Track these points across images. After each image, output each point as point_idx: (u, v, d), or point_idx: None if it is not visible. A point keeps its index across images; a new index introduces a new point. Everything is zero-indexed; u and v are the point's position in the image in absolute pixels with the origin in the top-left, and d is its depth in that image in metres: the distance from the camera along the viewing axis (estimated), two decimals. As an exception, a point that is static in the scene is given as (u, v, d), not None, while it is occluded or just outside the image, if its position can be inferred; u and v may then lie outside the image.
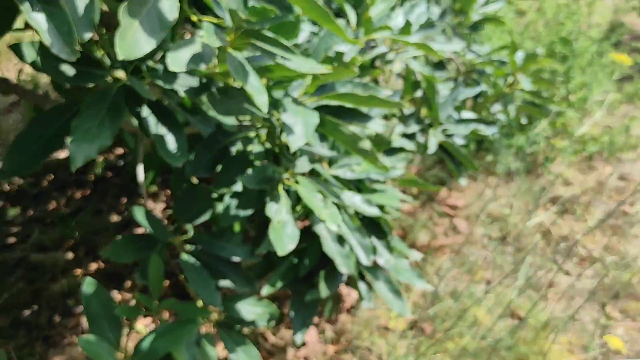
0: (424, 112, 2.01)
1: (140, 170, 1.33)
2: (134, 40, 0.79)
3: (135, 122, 1.01)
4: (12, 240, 2.36)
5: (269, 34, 0.96)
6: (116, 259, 1.24)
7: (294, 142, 0.99)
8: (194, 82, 1.04)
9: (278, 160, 1.26)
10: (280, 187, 1.19)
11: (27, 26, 1.22)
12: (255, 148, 1.28)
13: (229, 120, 1.24)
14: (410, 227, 2.60)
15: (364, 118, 1.28)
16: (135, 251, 1.27)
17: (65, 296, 2.14)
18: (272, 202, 1.13)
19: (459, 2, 2.17)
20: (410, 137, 1.92)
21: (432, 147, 1.86)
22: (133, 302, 2.13)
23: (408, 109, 2.05)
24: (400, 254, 1.63)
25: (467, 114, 2.07)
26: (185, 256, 1.30)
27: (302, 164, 1.23)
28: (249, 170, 1.19)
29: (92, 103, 0.94)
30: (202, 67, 0.88)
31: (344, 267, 1.35)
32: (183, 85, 1.03)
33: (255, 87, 0.89)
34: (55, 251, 2.31)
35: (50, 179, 2.71)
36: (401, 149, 1.71)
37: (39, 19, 0.74)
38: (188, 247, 1.35)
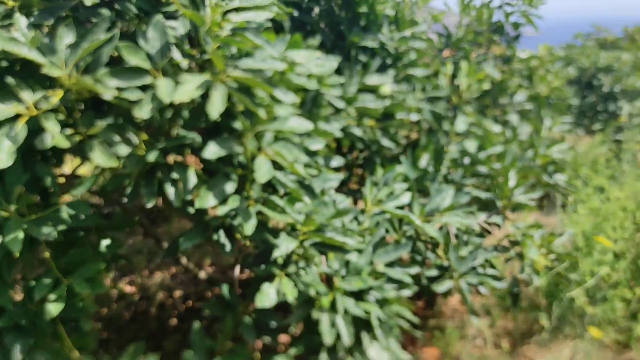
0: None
1: (236, 269, 2.53)
2: (206, 200, 2.02)
3: (214, 236, 2.23)
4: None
5: (278, 202, 2.10)
6: (211, 311, 2.41)
7: (275, 253, 2.08)
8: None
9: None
10: (277, 279, 2.24)
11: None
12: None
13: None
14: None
15: (344, 251, 2.29)
16: (221, 309, 2.43)
17: None
18: (267, 284, 2.19)
19: (498, 190, 3.01)
20: (432, 279, 2.75)
21: (441, 288, 2.66)
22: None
23: (446, 261, 2.89)
24: (390, 351, 2.44)
25: (490, 271, 2.81)
26: (246, 318, 2.41)
27: (292, 268, 2.28)
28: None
29: (195, 226, 2.20)
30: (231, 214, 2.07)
31: (328, 339, 2.28)
32: (239, 221, 2.22)
33: (251, 224, 2.03)
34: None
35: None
36: (394, 280, 2.58)
37: (171, 191, 2.03)
38: (252, 315, 2.45)
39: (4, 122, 1.69)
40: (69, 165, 3.68)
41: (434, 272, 2.79)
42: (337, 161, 2.72)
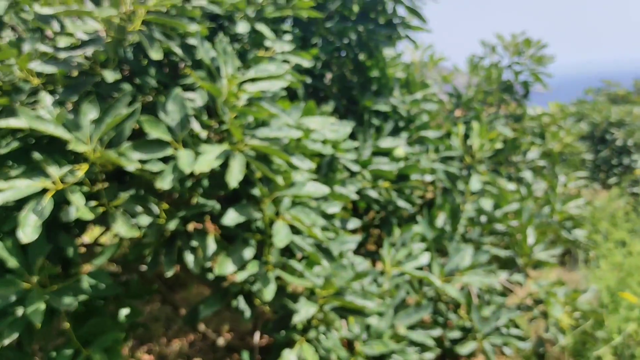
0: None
1: (256, 335, 2.51)
2: (226, 267, 2.04)
3: (234, 302, 2.23)
4: None
5: (296, 266, 2.12)
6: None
7: (295, 318, 2.07)
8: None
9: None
10: (297, 344, 2.22)
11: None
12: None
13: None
14: None
15: (365, 315, 2.27)
16: (241, 377, 2.40)
17: None
18: (288, 349, 2.17)
19: (517, 247, 2.98)
20: (455, 341, 2.70)
21: (465, 350, 2.61)
22: None
23: (469, 322, 2.84)
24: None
25: (514, 331, 2.75)
26: (267, 385, 2.37)
27: (312, 333, 2.26)
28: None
29: (214, 293, 2.20)
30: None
31: (350, 405, 2.23)
32: (258, 287, 2.22)
33: (271, 290, 2.04)
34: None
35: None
36: (416, 343, 2.53)
37: (190, 259, 2.05)
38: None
39: (31, 197, 1.74)
40: (89, 233, 3.73)
41: (456, 334, 2.75)
42: (354, 223, 2.74)
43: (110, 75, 2.01)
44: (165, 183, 1.80)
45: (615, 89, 9.69)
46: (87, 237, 3.25)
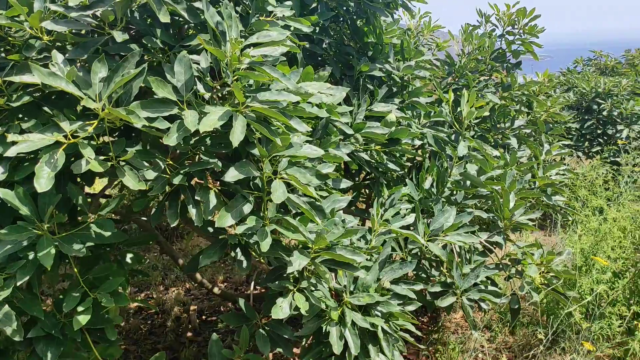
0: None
1: (251, 284, 2.69)
2: (225, 220, 2.18)
3: (232, 254, 2.39)
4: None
5: (291, 222, 2.27)
6: (227, 322, 2.56)
7: (289, 269, 2.24)
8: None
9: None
10: (289, 294, 2.40)
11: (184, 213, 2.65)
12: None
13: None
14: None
15: (352, 268, 2.44)
16: (238, 321, 2.58)
17: None
18: (281, 298, 2.34)
19: (499, 211, 3.16)
20: (435, 295, 2.90)
21: (444, 303, 2.81)
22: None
23: (449, 278, 3.03)
24: (394, 361, 2.58)
25: (491, 287, 2.95)
26: (260, 330, 2.56)
27: (304, 283, 2.43)
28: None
29: (214, 244, 2.36)
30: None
31: (336, 349, 2.42)
32: (255, 240, 2.37)
33: (267, 243, 2.19)
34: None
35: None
36: (400, 296, 2.72)
37: (194, 212, 2.20)
38: (266, 328, 2.60)
39: (44, 149, 1.86)
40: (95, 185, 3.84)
41: (437, 289, 2.94)
42: (346, 183, 2.89)
43: (119, 36, 2.11)
44: (171, 140, 1.92)
45: (605, 59, 9.81)
46: (91, 189, 3.37)
